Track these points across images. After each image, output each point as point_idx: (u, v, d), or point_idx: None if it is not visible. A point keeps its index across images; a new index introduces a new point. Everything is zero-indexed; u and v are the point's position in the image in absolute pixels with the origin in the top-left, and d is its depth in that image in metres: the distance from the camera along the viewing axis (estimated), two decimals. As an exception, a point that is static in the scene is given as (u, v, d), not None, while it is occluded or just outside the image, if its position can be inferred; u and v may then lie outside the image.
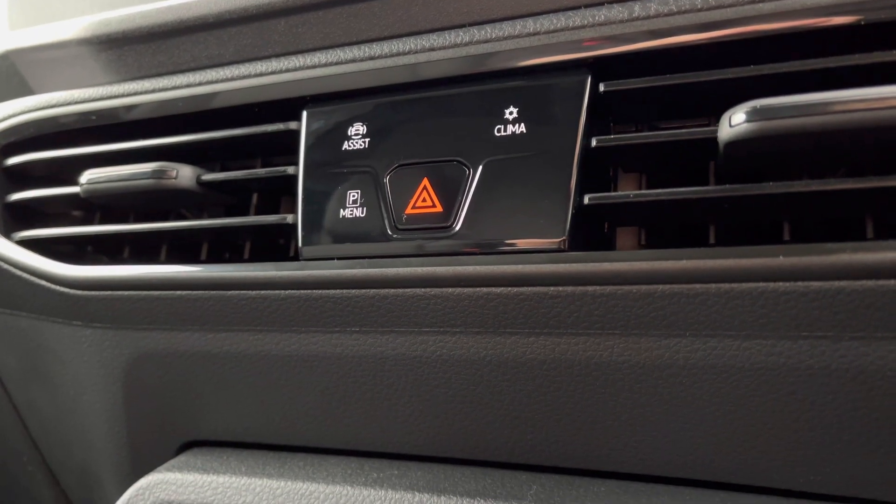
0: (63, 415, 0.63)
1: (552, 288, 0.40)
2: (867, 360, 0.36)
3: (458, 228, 0.42)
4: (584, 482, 0.43)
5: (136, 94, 0.55)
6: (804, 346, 0.36)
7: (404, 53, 0.46)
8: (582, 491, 0.42)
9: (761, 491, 0.39)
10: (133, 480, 0.51)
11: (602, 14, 0.41)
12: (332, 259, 0.45)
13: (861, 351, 0.36)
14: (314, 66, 0.49)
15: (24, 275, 0.56)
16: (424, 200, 0.44)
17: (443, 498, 0.43)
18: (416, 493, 0.43)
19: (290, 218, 0.48)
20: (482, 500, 0.42)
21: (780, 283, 0.35)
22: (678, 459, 0.41)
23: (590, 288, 0.39)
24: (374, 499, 0.44)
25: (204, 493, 0.48)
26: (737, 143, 0.36)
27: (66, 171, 0.58)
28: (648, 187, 0.43)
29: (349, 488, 0.45)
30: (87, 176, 0.54)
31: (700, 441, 0.40)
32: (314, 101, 0.49)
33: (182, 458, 0.53)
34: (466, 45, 0.45)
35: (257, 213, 0.52)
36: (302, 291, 0.46)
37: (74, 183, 0.56)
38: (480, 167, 0.42)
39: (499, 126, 0.42)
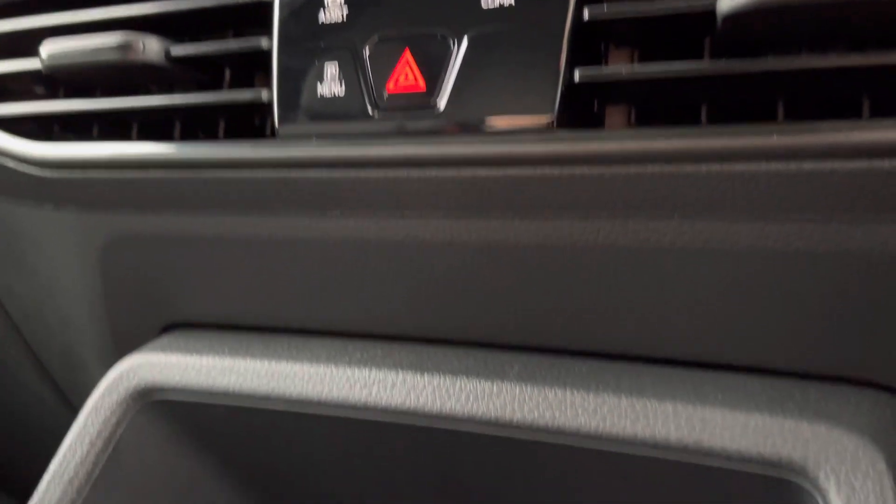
0: (42, 299, 0.62)
1: (539, 169, 0.39)
2: (853, 243, 0.36)
3: (441, 107, 0.41)
4: (566, 362, 0.44)
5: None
6: (792, 228, 0.36)
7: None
8: (563, 370, 0.42)
9: (743, 370, 0.40)
10: (115, 361, 0.51)
11: None
12: (311, 138, 0.44)
13: (848, 234, 0.35)
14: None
15: (-11, 155, 0.54)
16: (406, 77, 0.42)
17: (426, 376, 0.43)
18: (400, 372, 0.44)
19: (265, 95, 0.46)
20: (465, 379, 0.42)
21: (772, 164, 0.35)
22: (661, 340, 0.41)
23: (578, 169, 0.38)
24: (358, 378, 0.44)
25: (187, 373, 0.48)
26: (736, 17, 0.34)
27: (26, 44, 0.55)
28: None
29: (333, 368, 0.45)
30: (48, 49, 0.51)
31: (684, 322, 0.40)
32: (288, -33, 0.45)
33: (164, 339, 0.53)
34: None
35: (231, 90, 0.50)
36: (280, 171, 0.44)
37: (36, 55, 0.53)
38: (466, 41, 0.40)
39: (485, -4, 0.40)
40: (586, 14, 0.38)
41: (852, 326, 0.37)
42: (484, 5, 0.40)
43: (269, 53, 0.45)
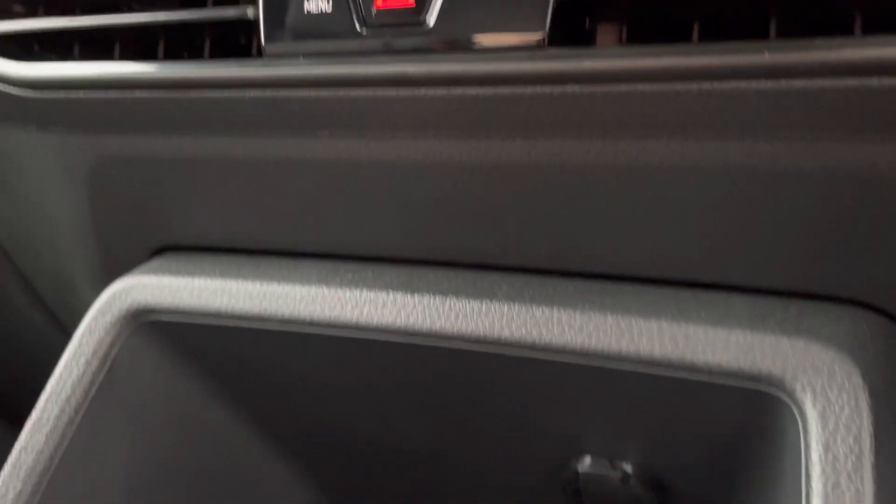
0: (30, 223, 0.62)
1: (530, 88, 0.38)
2: (841, 162, 0.36)
3: (430, 24, 0.40)
4: (553, 282, 0.44)
5: None
6: (780, 147, 0.36)
7: None
8: (551, 290, 0.43)
9: (727, 288, 0.41)
10: (106, 285, 0.52)
11: None
12: (298, 57, 0.43)
13: (836, 153, 0.36)
14: None
15: (-31, 76, 0.53)
16: (395, -7, 0.41)
17: (416, 296, 0.44)
18: (391, 292, 0.44)
19: (250, 12, 0.44)
20: (454, 298, 0.43)
21: (763, 82, 0.34)
22: (648, 260, 0.42)
23: (568, 88, 0.38)
24: (350, 298, 0.45)
25: (180, 295, 0.49)
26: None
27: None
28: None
29: (325, 289, 0.46)
30: (24, -36, 0.49)
31: (671, 242, 0.41)
32: None
33: (155, 262, 0.53)
34: None
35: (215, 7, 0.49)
36: (266, 91, 0.44)
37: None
38: (455, -44, 0.39)
39: None
40: (579, -73, 0.38)
41: (836, 245, 0.38)
42: (474, -84, 0.39)
43: (253, -32, 0.44)
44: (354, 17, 0.42)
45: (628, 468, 0.46)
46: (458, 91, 0.40)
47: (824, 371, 0.35)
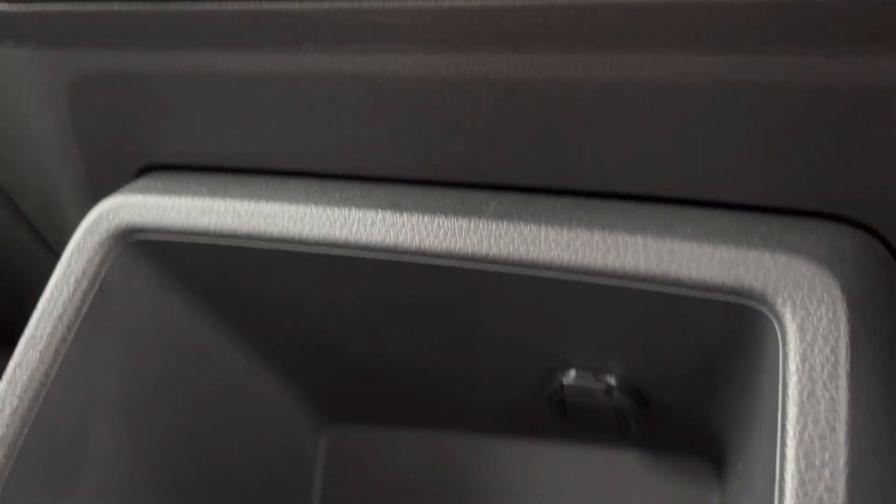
0: (12, 142, 0.61)
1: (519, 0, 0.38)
2: (829, 76, 0.36)
3: (418, -67, 0.39)
4: (541, 199, 0.45)
5: None
6: (770, 61, 0.36)
7: None
8: (538, 207, 0.43)
9: (712, 205, 0.42)
10: (93, 205, 0.52)
11: None
12: (281, -32, 0.42)
13: (824, 67, 0.36)
14: None
15: (-61, -13, 0.51)
16: None
17: (405, 215, 0.44)
18: (379, 211, 0.44)
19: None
20: (443, 217, 0.43)
21: (755, -6, 0.34)
22: (635, 177, 0.42)
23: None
24: (338, 216, 0.45)
25: (168, 214, 0.49)
26: None
27: None
28: None
29: (313, 207, 0.46)
30: None
31: (658, 158, 0.41)
32: None
33: (142, 181, 0.53)
34: None
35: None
36: (250, 4, 0.43)
37: None
38: None
39: None
40: None
41: (820, 161, 0.38)
42: None
43: None
44: (339, -75, 0.40)
45: (611, 380, 0.47)
46: (445, 3, 0.39)
47: (804, 285, 0.36)
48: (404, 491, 0.64)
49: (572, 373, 0.48)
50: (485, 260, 0.42)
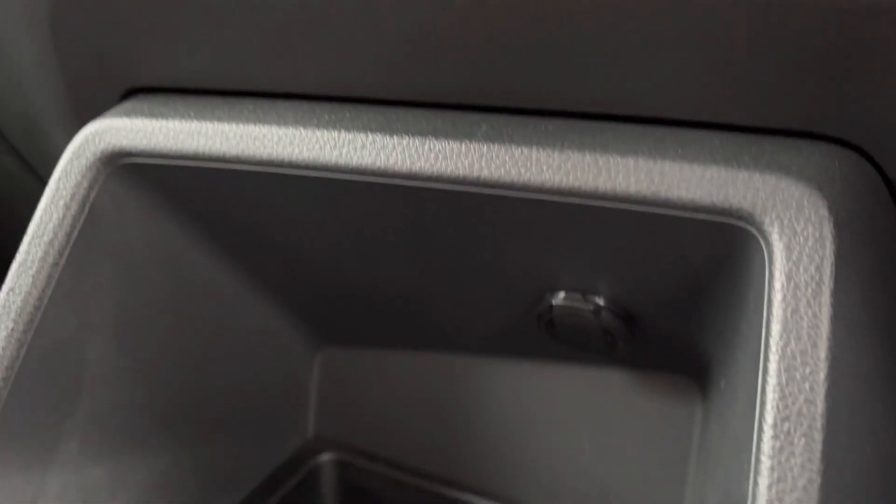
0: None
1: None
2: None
3: None
4: (533, 121, 0.44)
5: None
6: (766, -23, 0.35)
7: None
8: (530, 129, 0.43)
9: (704, 126, 0.41)
10: (78, 129, 0.51)
11: None
12: None
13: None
14: None
15: None
16: None
17: (395, 137, 0.44)
18: (370, 133, 0.44)
19: None
20: (434, 139, 0.43)
21: None
22: (627, 97, 0.42)
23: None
24: (328, 139, 0.45)
25: (155, 137, 0.48)
26: None
27: None
28: None
29: (302, 130, 0.45)
30: None
31: (650, 77, 0.40)
32: None
33: (127, 104, 0.52)
34: None
35: None
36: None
37: None
38: None
39: None
40: None
41: (813, 81, 0.38)
42: None
43: None
44: None
45: (599, 301, 0.48)
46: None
47: (793, 204, 0.36)
48: (397, 411, 0.66)
49: (561, 294, 0.49)
50: (476, 183, 0.42)
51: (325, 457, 0.67)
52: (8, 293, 0.48)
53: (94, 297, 0.51)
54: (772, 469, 0.33)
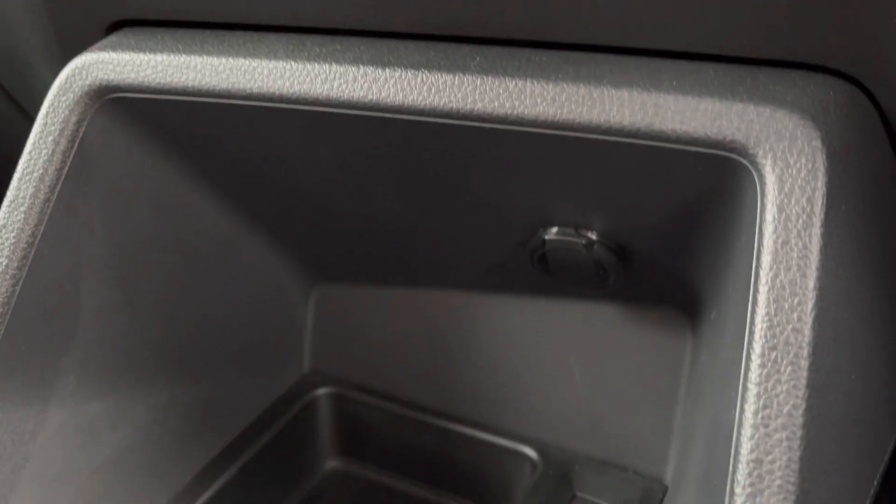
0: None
1: None
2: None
3: None
4: (526, 53, 0.44)
5: None
6: None
7: None
8: (524, 61, 0.43)
9: (700, 57, 0.41)
10: (64, 64, 0.50)
11: None
12: None
13: None
14: None
15: None
16: None
17: (388, 70, 0.43)
18: (361, 66, 0.44)
19: None
20: (426, 72, 0.42)
21: None
22: (621, 28, 0.41)
23: None
24: (319, 72, 0.44)
25: (143, 71, 0.48)
26: None
27: None
28: None
29: (293, 63, 0.45)
30: None
31: (644, 7, 0.40)
32: None
33: (114, 38, 0.51)
34: None
35: None
36: None
37: None
38: None
39: None
40: None
41: (808, 11, 0.38)
42: None
43: None
44: None
45: (592, 235, 0.48)
46: None
47: (786, 136, 0.36)
48: (392, 346, 0.67)
49: (554, 229, 0.49)
50: (469, 116, 0.42)
51: (322, 391, 0.68)
52: (0, 230, 0.48)
53: (87, 233, 0.51)
54: (758, 396, 0.34)
